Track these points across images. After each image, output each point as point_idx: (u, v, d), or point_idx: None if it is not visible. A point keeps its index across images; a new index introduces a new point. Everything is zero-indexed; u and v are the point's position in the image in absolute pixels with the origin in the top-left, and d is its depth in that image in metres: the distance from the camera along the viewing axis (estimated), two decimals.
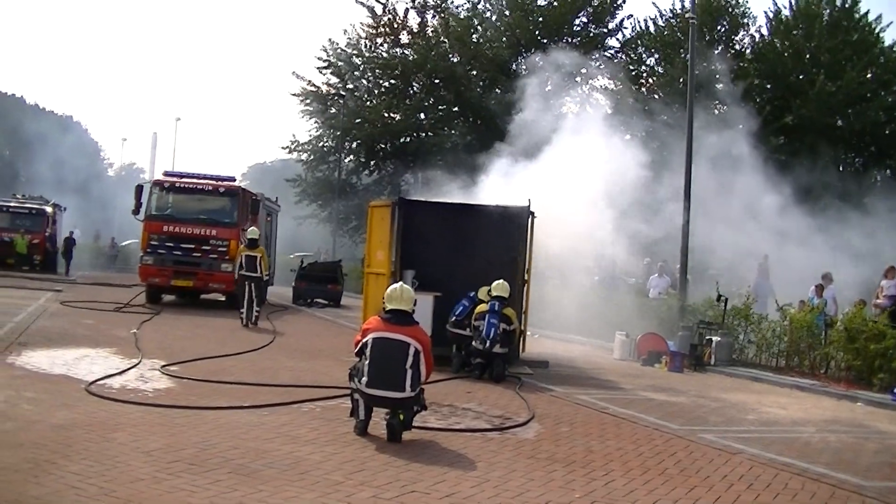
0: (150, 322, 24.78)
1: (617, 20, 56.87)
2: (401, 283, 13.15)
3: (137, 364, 16.16)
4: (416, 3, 59.72)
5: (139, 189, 32.05)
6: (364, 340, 11.69)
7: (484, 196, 22.59)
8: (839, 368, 21.77)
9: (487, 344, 18.12)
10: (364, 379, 11.36)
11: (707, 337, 24.14)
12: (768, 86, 43.63)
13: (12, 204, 51.19)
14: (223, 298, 33.46)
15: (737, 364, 23.59)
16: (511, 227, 21.16)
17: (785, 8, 47.01)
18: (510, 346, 19.08)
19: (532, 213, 20.98)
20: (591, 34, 57.22)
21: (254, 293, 27.31)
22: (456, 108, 57.97)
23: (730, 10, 49.62)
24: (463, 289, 20.14)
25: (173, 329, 23.78)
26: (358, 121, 59.09)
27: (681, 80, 40.12)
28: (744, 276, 30.08)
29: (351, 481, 9.13)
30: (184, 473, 8.88)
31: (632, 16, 78.05)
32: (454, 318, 19.51)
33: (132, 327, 22.42)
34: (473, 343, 18.48)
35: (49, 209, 51.66)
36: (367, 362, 11.45)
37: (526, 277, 21.26)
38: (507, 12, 57.10)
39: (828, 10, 45.31)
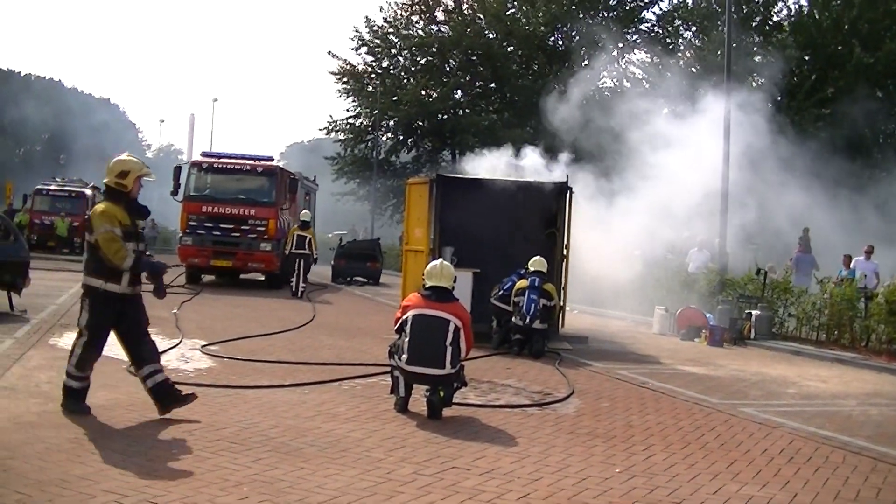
0: (190, 302, 24.89)
1: None
2: (441, 259, 13.11)
3: (178, 344, 16.27)
4: None
5: (178, 170, 32.15)
6: (404, 317, 11.71)
7: (523, 172, 22.50)
8: (880, 342, 21.61)
9: (527, 320, 18.08)
10: (404, 356, 11.38)
11: (747, 311, 24.04)
12: (806, 57, 43.22)
13: (52, 187, 51.54)
14: (262, 278, 33.58)
15: (777, 338, 23.48)
16: (549, 202, 21.12)
17: None
18: (550, 321, 19.06)
19: (570, 189, 20.93)
20: (628, 7, 56.96)
21: (304, 270, 30.66)
22: (493, 85, 57.92)
23: None
24: (501, 265, 20.11)
25: (213, 309, 23.88)
26: (395, 99, 59.11)
27: (718, 52, 39.87)
28: (786, 250, 29.92)
29: (391, 458, 9.15)
30: (225, 452, 8.92)
31: None
32: (501, 291, 19.43)
33: (172, 308, 22.50)
34: (513, 319, 18.46)
35: (89, 192, 51.91)
36: (406, 339, 11.46)
37: (565, 253, 21.22)
38: None
39: None
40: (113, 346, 15.40)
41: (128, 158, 10.89)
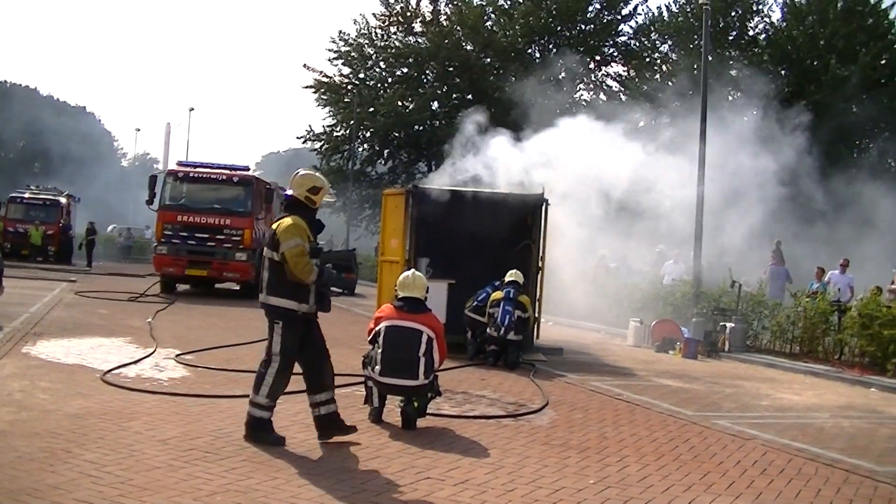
0: (164, 311, 24.85)
1: (630, 6, 56.99)
2: (413, 270, 13.13)
3: (152, 353, 16.20)
4: None
5: (153, 179, 32.10)
6: (377, 328, 11.70)
7: (498, 184, 22.52)
8: (853, 354, 21.74)
9: (502, 331, 18.11)
10: (377, 367, 11.38)
11: (721, 323, 24.13)
12: (783, 72, 43.49)
13: (27, 195, 51.52)
14: (238, 288, 33.53)
15: (751, 350, 23.59)
16: (525, 214, 21.17)
17: None
18: (525, 333, 19.09)
19: (546, 201, 20.98)
20: (605, 21, 57.21)
21: None
22: (470, 96, 58.01)
23: None
24: (477, 276, 20.13)
25: (188, 318, 23.84)
26: (371, 110, 59.15)
27: (695, 66, 40.08)
28: (759, 262, 30.04)
29: (366, 468, 9.17)
30: (199, 461, 8.91)
31: (645, 1, 77.72)
32: (475, 303, 19.43)
33: (147, 317, 22.47)
34: (488, 330, 18.48)
35: (63, 200, 51.83)
36: (380, 350, 11.46)
37: (540, 265, 21.26)
38: (520, 0, 57.07)
39: None
40: (87, 354, 15.40)
41: (318, 175, 10.90)
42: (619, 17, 57.48)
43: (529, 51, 57.67)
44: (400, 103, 58.27)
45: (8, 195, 52.10)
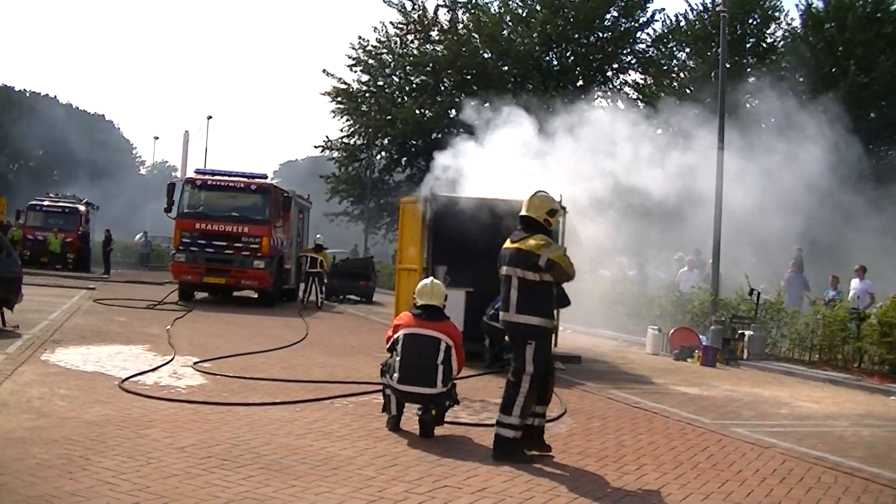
0: (182, 319, 24.89)
1: (647, 14, 56.75)
2: (431, 278, 13.08)
3: (170, 361, 16.24)
4: (447, 0, 59.78)
5: (171, 187, 32.25)
6: (395, 336, 11.69)
7: (516, 191, 22.45)
8: (872, 362, 21.63)
9: None
10: (395, 375, 11.36)
11: (740, 331, 24.04)
12: (800, 79, 43.33)
13: (46, 203, 51.61)
14: (255, 295, 33.56)
15: (770, 358, 23.48)
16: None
17: (817, 0, 46.79)
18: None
19: (564, 209, 20.92)
20: (622, 28, 57.06)
21: (318, 286, 35.85)
22: (487, 105, 58.01)
23: (761, 3, 49.38)
24: (495, 284, 20.03)
25: (206, 326, 23.87)
26: (389, 118, 59.18)
27: (712, 74, 39.99)
28: (779, 270, 29.95)
29: (383, 476, 9.15)
30: (217, 469, 8.91)
31: (663, 10, 77.43)
32: (492, 310, 19.38)
33: (165, 324, 22.51)
34: (506, 338, 18.41)
35: (82, 208, 51.96)
36: (398, 358, 11.44)
37: None
38: (537, 7, 57.00)
39: (861, 3, 44.99)
40: (105, 362, 15.44)
41: (553, 197, 11.23)
42: (637, 25, 57.27)
43: (547, 59, 57.61)
44: (417, 111, 58.29)
45: (27, 203, 52.29)
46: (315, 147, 65.11)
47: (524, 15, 58.16)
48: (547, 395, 10.92)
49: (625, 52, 58.04)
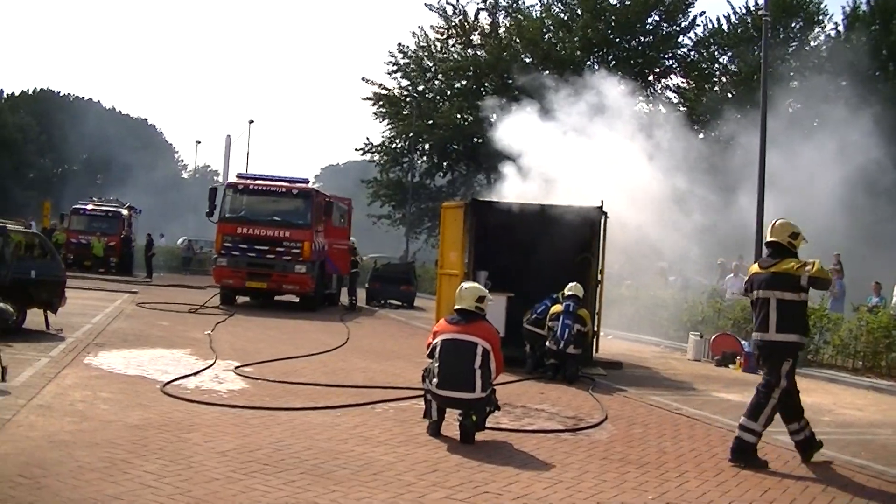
0: (224, 323, 24.98)
1: (689, 18, 56.46)
2: (466, 282, 13.10)
3: (212, 365, 16.30)
4: (488, 4, 59.79)
5: (213, 192, 32.37)
6: (433, 342, 11.76)
7: (557, 196, 22.41)
8: None
9: (561, 345, 18.02)
10: (435, 380, 11.40)
11: None
12: (843, 83, 43.06)
13: (89, 207, 51.95)
14: (297, 300, 33.63)
15: (812, 365, 23.24)
16: (584, 227, 21.06)
17: (863, 3, 46.48)
18: (584, 346, 18.99)
19: (605, 213, 20.87)
20: (664, 32, 56.87)
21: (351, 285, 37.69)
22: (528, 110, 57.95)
23: (805, 6, 49.12)
24: (536, 289, 20.06)
25: (247, 330, 23.94)
26: (430, 122, 59.25)
27: (755, 77, 39.83)
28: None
29: (423, 482, 9.14)
30: (258, 474, 8.93)
31: (704, 13, 76.95)
32: (534, 315, 19.36)
33: (206, 329, 22.60)
34: (547, 344, 18.41)
35: (125, 212, 52.27)
36: (437, 364, 11.50)
37: (599, 278, 21.16)
38: (578, 11, 56.91)
39: None
40: (147, 365, 15.53)
41: (793, 222, 11.78)
42: (678, 29, 57.06)
43: (588, 63, 57.55)
44: (458, 116, 58.32)
45: (71, 207, 52.68)
46: (356, 150, 65.25)
47: (565, 19, 58.11)
48: (798, 410, 11.55)
49: (666, 55, 57.84)
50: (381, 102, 61.86)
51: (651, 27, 57.24)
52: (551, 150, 22.93)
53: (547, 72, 56.02)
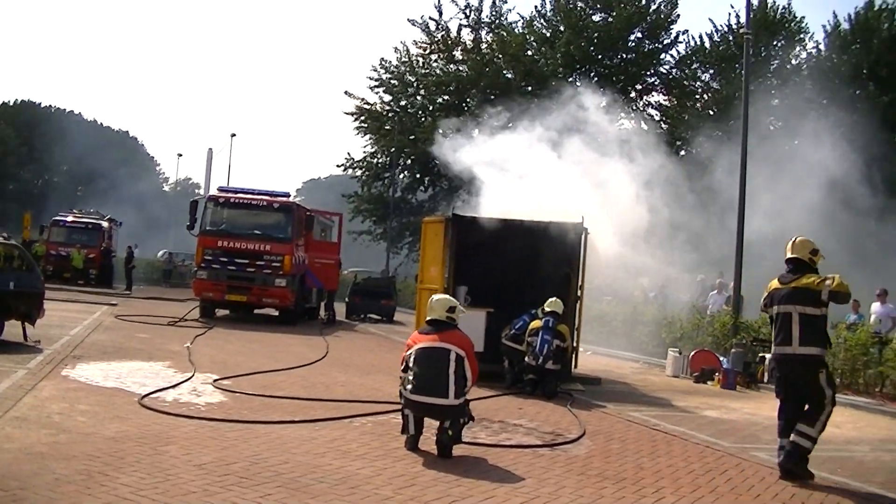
0: (203, 336, 24.94)
1: (672, 36, 56.70)
2: (437, 294, 13.17)
3: (190, 378, 16.26)
4: (470, 20, 59.93)
5: (194, 204, 32.35)
6: (407, 353, 11.82)
7: (538, 212, 22.44)
8: (894, 387, 21.51)
9: (540, 360, 18.05)
10: (409, 387, 11.46)
11: (761, 354, 23.93)
12: (824, 101, 43.27)
13: (69, 219, 51.86)
14: (276, 313, 33.60)
15: None
16: (564, 243, 21.09)
17: (844, 22, 46.80)
18: (563, 362, 19.02)
19: (585, 230, 20.91)
20: (646, 50, 57.09)
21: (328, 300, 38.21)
22: (511, 125, 58.07)
23: (786, 25, 49.40)
24: (515, 305, 20.10)
25: (226, 343, 23.91)
26: (412, 137, 59.31)
27: (736, 95, 40.01)
28: None
29: (401, 496, 9.14)
30: (235, 487, 8.92)
31: (687, 31, 77.17)
32: (512, 331, 19.39)
33: (186, 341, 22.57)
34: (526, 359, 18.43)
35: (105, 224, 52.20)
36: (412, 372, 11.56)
37: (579, 294, 21.20)
38: (561, 28, 57.09)
39: (886, 25, 44.97)
40: (125, 378, 15.50)
41: (810, 240, 12.25)
42: (661, 46, 57.32)
43: (570, 79, 57.71)
44: (440, 130, 58.43)
45: (51, 219, 52.58)
46: (338, 166, 65.23)
47: (548, 35, 58.29)
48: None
49: (648, 73, 58.07)
50: (363, 117, 61.90)
51: (633, 44, 57.46)
52: (528, 166, 22.93)
53: (529, 88, 56.27)
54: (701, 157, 35.90)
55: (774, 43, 49.45)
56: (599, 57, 57.26)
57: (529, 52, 58.26)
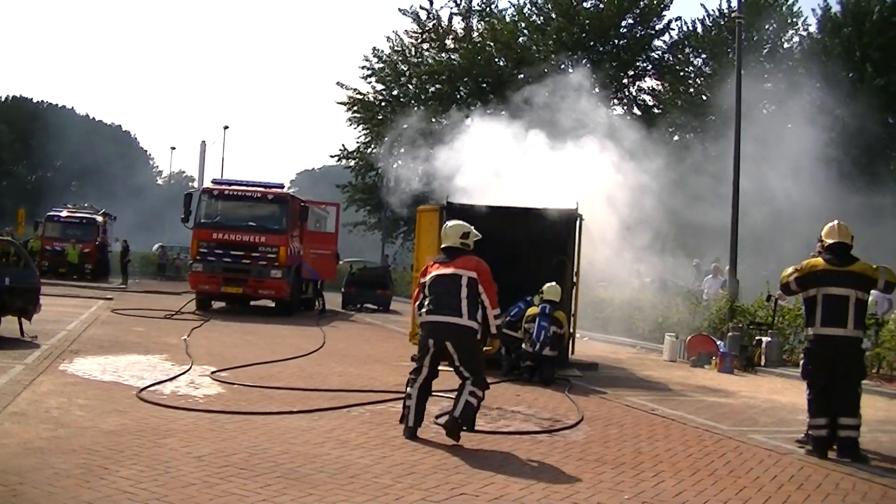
0: (200, 329, 24.95)
1: (664, 21, 56.63)
2: (451, 221, 13.09)
3: (188, 370, 16.26)
4: (461, 8, 59.83)
5: (188, 197, 32.33)
6: (422, 282, 12.08)
7: (532, 199, 22.42)
8: (891, 368, 21.53)
9: (537, 347, 18.07)
10: (423, 311, 11.74)
11: (757, 337, 23.95)
12: (817, 85, 43.27)
13: (64, 214, 51.88)
14: (273, 305, 33.61)
15: (787, 364, 23.32)
16: (560, 229, 21.07)
17: (835, 4, 46.79)
18: (560, 349, 19.03)
19: (580, 216, 20.90)
20: (638, 36, 57.02)
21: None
22: (504, 113, 57.98)
23: (778, 8, 49.38)
24: (511, 292, 20.05)
25: (223, 336, 23.91)
26: (405, 127, 59.24)
27: (728, 80, 40.04)
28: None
29: (400, 484, 9.14)
30: (234, 478, 8.92)
31: (679, 17, 77.28)
32: (508, 318, 19.36)
33: (182, 334, 22.56)
34: (523, 346, 18.44)
35: (100, 218, 52.17)
36: (427, 299, 11.80)
37: (575, 280, 21.19)
38: (553, 15, 57.01)
39: (878, 7, 44.91)
40: (123, 371, 15.49)
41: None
42: (653, 32, 57.22)
43: (563, 66, 57.70)
44: (433, 119, 58.35)
45: (45, 214, 52.54)
46: (331, 157, 65.21)
47: (539, 23, 58.17)
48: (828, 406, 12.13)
49: (640, 58, 58.02)
50: (355, 107, 61.80)
51: (625, 30, 57.39)
52: (520, 153, 22.92)
53: (522, 75, 56.23)
54: (693, 142, 35.97)
55: (766, 27, 49.42)
56: (591, 43, 57.15)
57: (521, 40, 58.20)
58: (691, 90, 52.64)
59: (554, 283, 19.01)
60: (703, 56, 53.70)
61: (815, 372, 12.19)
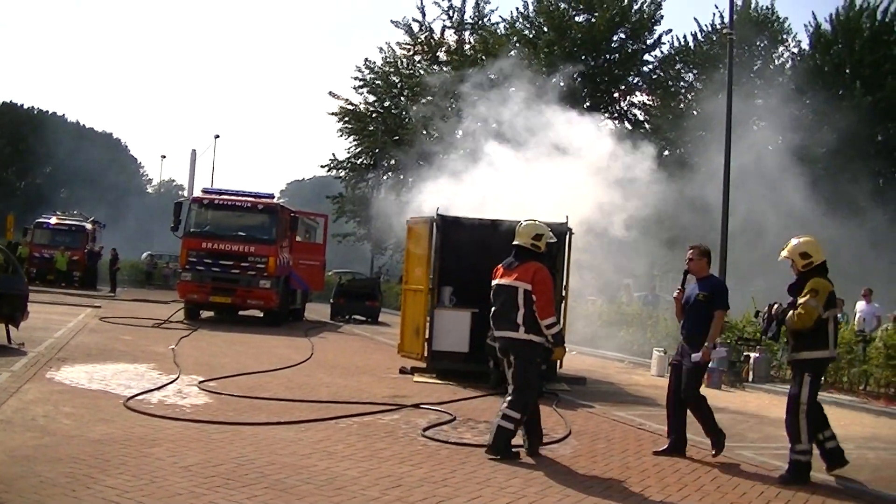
0: (188, 338, 24.89)
1: (655, 36, 56.78)
2: (526, 219, 12.88)
3: (175, 379, 16.23)
4: (454, 21, 59.98)
5: (178, 206, 32.27)
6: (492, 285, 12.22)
7: (521, 213, 22.42)
8: (878, 385, 21.56)
9: None
10: (491, 320, 12.02)
11: (745, 353, 23.97)
12: (807, 101, 43.42)
13: (53, 221, 51.82)
14: (261, 315, 33.57)
15: (775, 380, 23.37)
16: (549, 243, 21.03)
17: (825, 22, 46.99)
18: (548, 362, 19.00)
19: (570, 230, 20.91)
20: (630, 50, 57.15)
21: None
22: (495, 125, 58.01)
23: (769, 25, 49.58)
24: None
25: (211, 345, 23.87)
26: (396, 138, 59.29)
27: (719, 95, 40.15)
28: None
29: (387, 497, 9.13)
30: (221, 489, 8.90)
31: (670, 31, 77.46)
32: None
33: (171, 343, 22.51)
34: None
35: (89, 226, 52.12)
36: (493, 307, 12.04)
37: (564, 294, 21.18)
38: (544, 29, 57.14)
39: (868, 25, 45.13)
40: (110, 380, 15.45)
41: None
42: (644, 47, 57.42)
43: (553, 80, 57.82)
44: (425, 131, 58.43)
45: (34, 221, 52.47)
46: (322, 167, 65.30)
47: (531, 36, 58.29)
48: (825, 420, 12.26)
49: (632, 73, 58.16)
50: (346, 118, 61.89)
51: (616, 45, 57.53)
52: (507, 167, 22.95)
53: (513, 88, 56.32)
54: (683, 157, 36.02)
55: (758, 43, 49.62)
56: (583, 58, 57.29)
57: (512, 53, 58.31)
58: (682, 105, 52.76)
59: None
60: (695, 72, 53.84)
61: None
